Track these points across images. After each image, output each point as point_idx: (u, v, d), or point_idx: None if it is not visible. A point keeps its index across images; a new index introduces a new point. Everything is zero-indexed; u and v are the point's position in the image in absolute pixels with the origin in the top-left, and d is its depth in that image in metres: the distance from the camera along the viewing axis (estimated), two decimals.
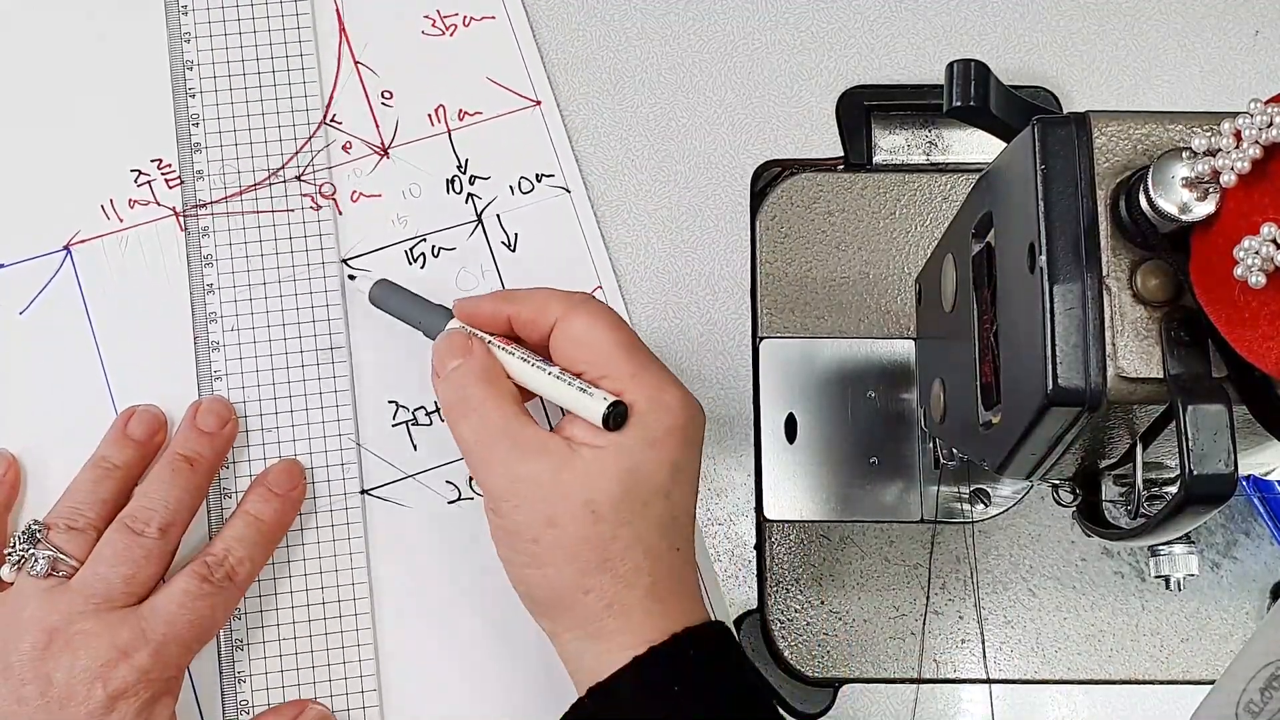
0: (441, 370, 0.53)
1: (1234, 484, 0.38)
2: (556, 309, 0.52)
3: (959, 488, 0.62)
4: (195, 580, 0.54)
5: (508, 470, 0.50)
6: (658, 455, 0.50)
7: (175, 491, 0.55)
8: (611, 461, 0.49)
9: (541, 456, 0.50)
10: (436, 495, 0.60)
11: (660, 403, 0.50)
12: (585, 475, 0.49)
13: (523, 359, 0.52)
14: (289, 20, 0.63)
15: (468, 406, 0.51)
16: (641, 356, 0.51)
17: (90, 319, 0.60)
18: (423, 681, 0.58)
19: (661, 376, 0.51)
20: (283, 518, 0.57)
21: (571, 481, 0.49)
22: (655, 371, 0.51)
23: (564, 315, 0.52)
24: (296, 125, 0.63)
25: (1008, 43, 0.66)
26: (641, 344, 0.52)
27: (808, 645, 0.61)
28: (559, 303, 0.52)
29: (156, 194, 0.62)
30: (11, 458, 0.58)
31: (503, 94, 0.65)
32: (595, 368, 0.51)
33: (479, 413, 0.51)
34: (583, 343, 0.51)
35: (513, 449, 0.50)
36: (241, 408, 0.59)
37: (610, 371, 0.51)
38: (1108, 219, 0.40)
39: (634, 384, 0.50)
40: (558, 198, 0.64)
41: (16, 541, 0.54)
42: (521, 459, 0.50)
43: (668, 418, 0.50)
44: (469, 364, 0.52)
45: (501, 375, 0.53)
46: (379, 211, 0.63)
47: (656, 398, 0.50)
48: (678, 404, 0.51)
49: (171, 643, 0.52)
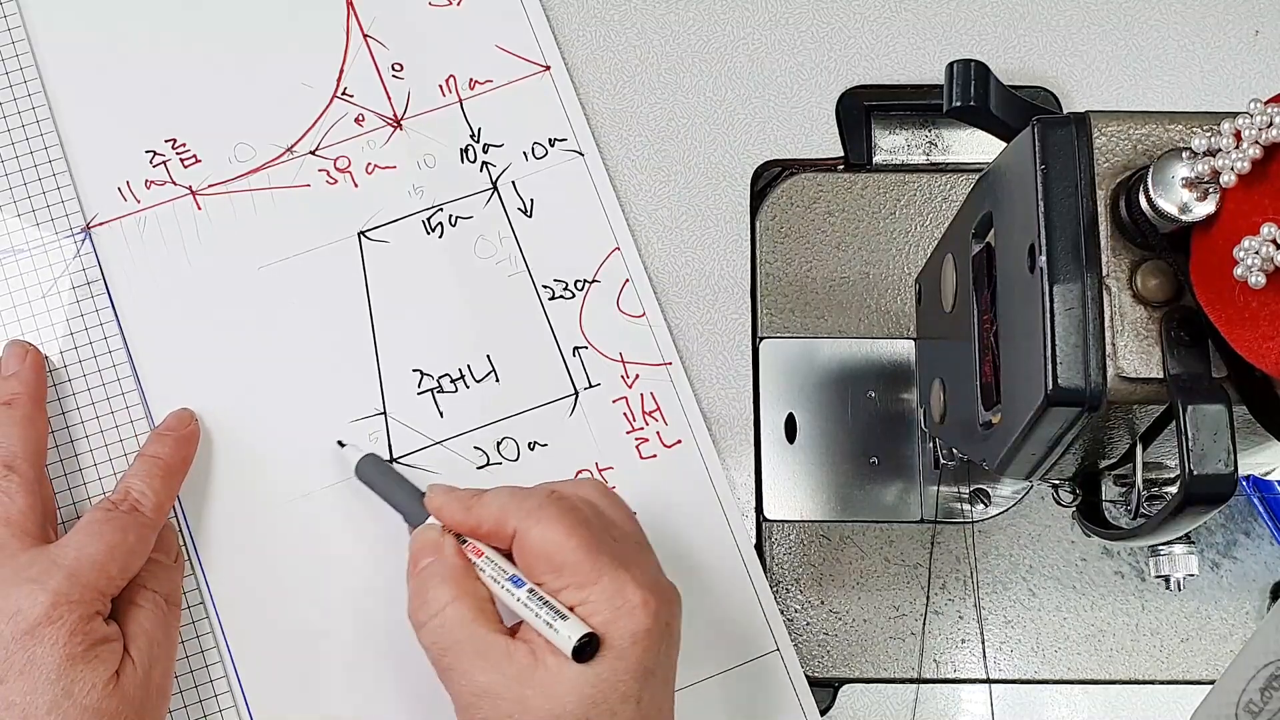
0: (411, 569, 0.53)
1: (1234, 484, 0.38)
2: (513, 520, 0.51)
3: (959, 488, 0.62)
4: (99, 511, 0.54)
5: (470, 680, 0.49)
6: (625, 664, 0.48)
7: (1, 430, 0.56)
8: (574, 675, 0.48)
9: (504, 665, 0.49)
10: (465, 461, 0.60)
11: (624, 608, 0.49)
12: (548, 689, 0.48)
13: (492, 578, 0.51)
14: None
15: (429, 611, 0.51)
16: (601, 558, 0.49)
17: (113, 300, 0.61)
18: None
19: (623, 578, 0.49)
20: (179, 452, 0.58)
21: (534, 697, 0.48)
22: (615, 573, 0.49)
23: (520, 526, 0.51)
24: (308, 100, 0.63)
25: (1008, 43, 0.66)
26: (603, 540, 0.51)
27: (808, 645, 0.61)
28: (515, 513, 0.51)
29: (172, 174, 0.62)
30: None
31: (512, 60, 0.65)
32: (555, 578, 0.50)
33: (440, 618, 0.50)
34: (540, 554, 0.50)
35: (475, 657, 0.49)
36: (266, 382, 0.60)
37: (570, 580, 0.49)
38: (1108, 219, 0.40)
39: (595, 591, 0.49)
40: (571, 161, 0.64)
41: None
42: (482, 668, 0.49)
43: (632, 624, 0.48)
44: (435, 565, 0.52)
45: (469, 577, 0.51)
46: (394, 183, 0.63)
47: (620, 605, 0.49)
48: (642, 606, 0.49)
49: (85, 566, 0.52)
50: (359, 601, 0.59)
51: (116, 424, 0.60)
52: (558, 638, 0.48)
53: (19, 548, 0.53)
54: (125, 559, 0.54)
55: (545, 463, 0.61)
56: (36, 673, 0.50)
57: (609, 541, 0.51)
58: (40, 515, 0.54)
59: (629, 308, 0.63)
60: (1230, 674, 0.40)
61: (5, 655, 0.50)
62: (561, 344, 0.62)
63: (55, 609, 0.50)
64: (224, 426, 0.60)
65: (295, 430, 0.60)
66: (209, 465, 0.60)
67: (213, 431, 0.60)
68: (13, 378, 0.58)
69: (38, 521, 0.54)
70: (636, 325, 0.62)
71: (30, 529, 0.53)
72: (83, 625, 0.51)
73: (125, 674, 0.52)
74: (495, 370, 0.61)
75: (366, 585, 0.59)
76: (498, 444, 0.61)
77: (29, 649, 0.50)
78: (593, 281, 0.63)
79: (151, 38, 0.64)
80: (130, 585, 0.54)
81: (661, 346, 0.62)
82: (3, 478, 0.54)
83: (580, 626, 0.48)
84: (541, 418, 0.61)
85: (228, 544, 0.59)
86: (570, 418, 0.61)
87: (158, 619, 0.54)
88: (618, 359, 0.62)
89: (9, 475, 0.54)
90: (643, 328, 0.62)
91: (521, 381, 0.61)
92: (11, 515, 0.53)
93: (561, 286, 0.63)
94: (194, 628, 0.58)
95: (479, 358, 0.62)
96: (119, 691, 0.51)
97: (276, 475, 0.60)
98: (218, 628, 0.58)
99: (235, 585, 0.59)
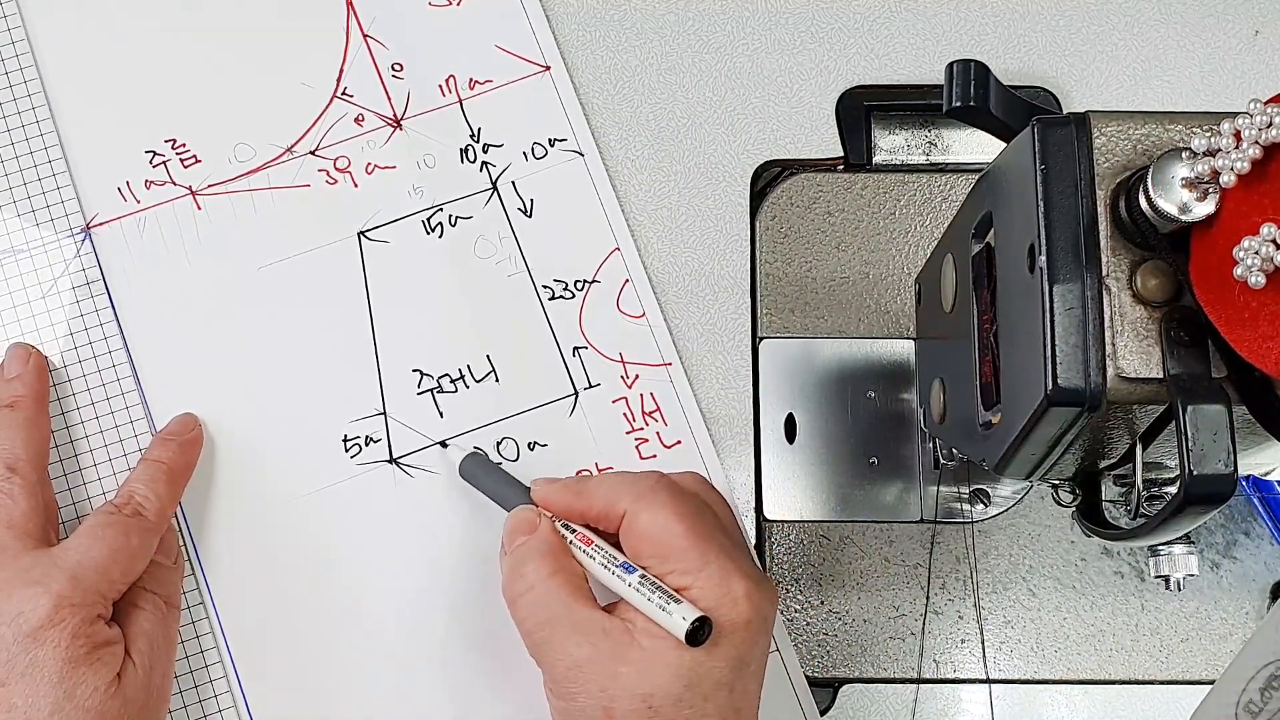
0: (508, 546, 0.53)
1: (1234, 484, 0.38)
2: (623, 503, 0.51)
3: (959, 488, 0.62)
4: (102, 514, 0.54)
5: (565, 654, 0.49)
6: (722, 652, 0.49)
7: (4, 432, 0.56)
8: (673, 656, 0.48)
9: (600, 641, 0.49)
10: None
11: (728, 598, 0.49)
12: (643, 668, 0.48)
13: (603, 564, 0.51)
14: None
15: (525, 584, 0.51)
16: (709, 545, 0.50)
17: (112, 300, 0.61)
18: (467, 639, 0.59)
19: (729, 567, 0.50)
20: (182, 457, 0.58)
21: (629, 674, 0.48)
22: (722, 562, 0.50)
23: (630, 509, 0.51)
24: (308, 100, 0.63)
25: (1008, 43, 0.66)
26: (711, 529, 0.51)
27: (808, 645, 0.61)
28: (625, 496, 0.52)
29: (172, 174, 0.63)
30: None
31: (512, 60, 0.65)
32: (661, 562, 0.50)
33: (536, 591, 0.51)
34: (648, 537, 0.50)
35: (570, 632, 0.49)
36: (266, 382, 0.60)
37: (676, 566, 0.50)
38: (1107, 219, 0.40)
39: (701, 578, 0.49)
40: (571, 162, 0.64)
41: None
42: (578, 643, 0.49)
43: (735, 613, 0.49)
44: (531, 542, 0.52)
45: (564, 554, 0.52)
46: (394, 183, 0.63)
47: (724, 593, 0.49)
48: (745, 598, 0.49)
49: (88, 569, 0.52)
50: (359, 602, 0.59)
51: (116, 424, 0.60)
52: (670, 620, 0.48)
53: (21, 550, 0.52)
54: (127, 563, 0.54)
55: (545, 463, 0.61)
56: (38, 675, 0.50)
57: (715, 530, 0.51)
58: (42, 518, 0.54)
59: (629, 308, 0.63)
60: (1230, 674, 0.40)
61: (7, 658, 0.50)
62: (561, 344, 0.62)
63: (58, 612, 0.50)
64: (224, 426, 0.60)
65: (295, 430, 0.60)
66: (208, 465, 0.60)
67: (212, 432, 0.60)
68: (15, 380, 0.58)
69: (40, 524, 0.54)
70: (636, 325, 0.62)
71: (32, 531, 0.53)
72: (85, 628, 0.51)
73: (127, 676, 0.52)
74: (495, 370, 0.61)
75: (367, 585, 0.59)
76: (498, 444, 0.61)
77: (31, 652, 0.50)
78: (592, 282, 0.63)
79: (151, 38, 0.64)
80: (131, 588, 0.54)
81: (661, 347, 0.62)
82: (5, 480, 0.54)
83: (694, 610, 0.48)
84: (541, 418, 0.61)
85: (228, 544, 0.59)
86: (570, 418, 0.61)
87: (158, 621, 0.54)
88: (617, 359, 0.62)
89: (11, 477, 0.54)
90: (643, 328, 0.62)
91: (521, 382, 0.61)
92: (14, 518, 0.53)
93: (561, 287, 0.63)
94: (194, 628, 0.58)
95: (479, 358, 0.62)
96: (121, 694, 0.51)
97: (276, 475, 0.60)
98: (218, 628, 0.58)
99: (235, 586, 0.59)
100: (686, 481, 0.54)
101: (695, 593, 0.49)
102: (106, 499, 0.57)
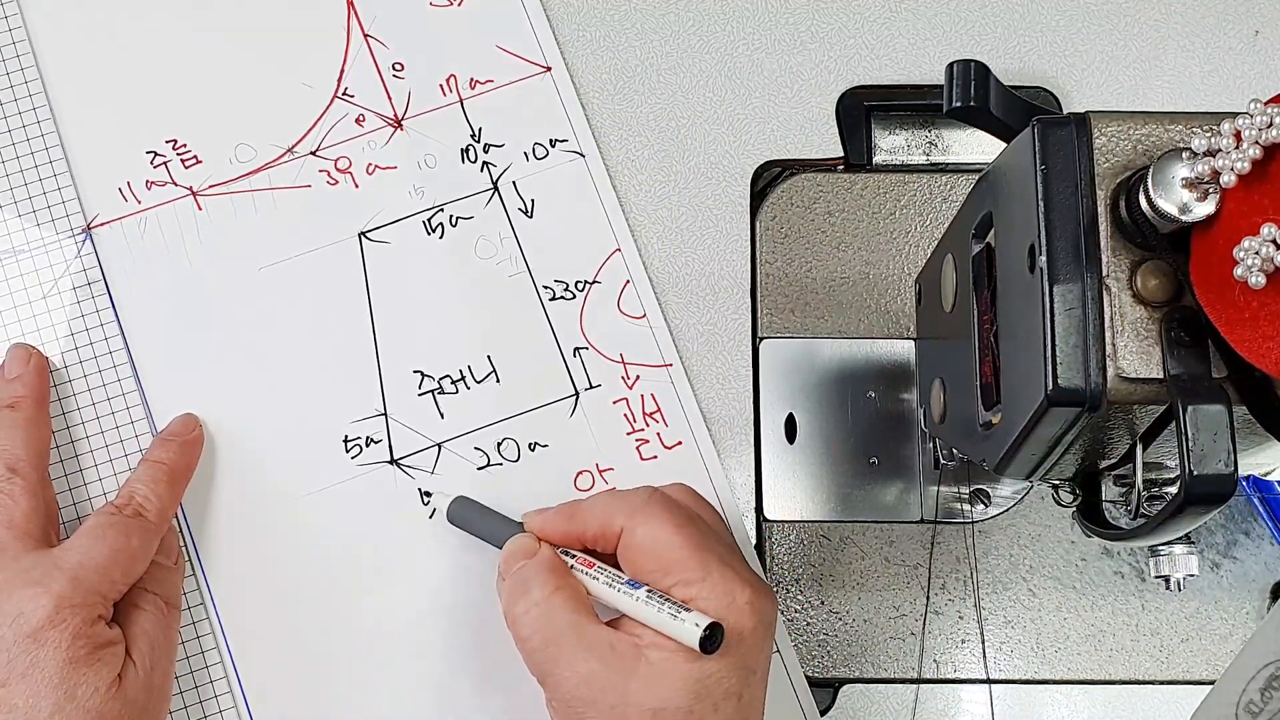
0: (506, 571, 0.53)
1: (1234, 484, 0.38)
2: (619, 520, 0.51)
3: (959, 488, 0.62)
4: (103, 515, 0.54)
5: (573, 670, 0.49)
6: (730, 661, 0.49)
7: (4, 432, 0.56)
8: (682, 668, 0.48)
9: (608, 656, 0.49)
10: (466, 462, 0.60)
11: (733, 606, 0.49)
12: (653, 683, 0.48)
13: (607, 584, 0.51)
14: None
15: (529, 601, 0.50)
16: (708, 555, 0.50)
17: (113, 301, 0.61)
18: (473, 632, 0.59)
19: (730, 575, 0.50)
20: (183, 458, 0.58)
21: (639, 690, 0.48)
22: (723, 570, 0.50)
23: (626, 525, 0.51)
24: (309, 100, 0.64)
25: (1008, 43, 0.66)
26: (707, 539, 0.51)
27: (808, 645, 0.61)
28: (620, 513, 0.51)
29: (173, 174, 0.63)
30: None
31: (513, 61, 0.65)
32: (664, 575, 0.50)
33: (540, 609, 0.50)
34: (647, 551, 0.50)
35: (578, 648, 0.49)
36: (267, 383, 0.60)
37: (679, 577, 0.50)
38: (1108, 219, 0.40)
39: (704, 588, 0.49)
40: (572, 162, 0.64)
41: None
42: (586, 659, 0.49)
43: (739, 621, 0.49)
44: (531, 564, 0.52)
45: (566, 573, 0.52)
46: (395, 183, 0.63)
47: (729, 601, 0.49)
48: (749, 605, 0.49)
49: (88, 570, 0.52)
50: (359, 602, 0.59)
51: (117, 424, 0.60)
52: (683, 629, 0.48)
53: (22, 550, 0.53)
54: (128, 563, 0.54)
55: (546, 464, 0.61)
56: (39, 676, 0.50)
57: (712, 540, 0.51)
58: (43, 518, 0.54)
59: (629, 309, 0.63)
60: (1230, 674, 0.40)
61: (8, 658, 0.50)
62: (562, 345, 0.62)
63: (58, 612, 0.50)
64: (224, 427, 0.60)
65: (295, 431, 0.60)
66: (209, 466, 0.60)
67: (213, 432, 0.60)
68: (16, 380, 0.58)
69: (40, 524, 0.54)
70: (637, 326, 0.62)
71: (33, 532, 0.54)
72: (85, 629, 0.51)
73: (127, 677, 0.52)
74: (496, 371, 0.62)
75: (367, 586, 0.59)
76: (498, 445, 0.61)
77: (32, 652, 0.50)
78: (593, 282, 0.63)
79: (152, 38, 0.64)
80: (132, 588, 0.54)
81: (662, 348, 0.62)
82: (6, 480, 0.54)
83: (705, 616, 0.48)
84: (542, 419, 0.61)
85: (228, 545, 0.59)
86: (571, 419, 0.61)
87: (158, 621, 0.54)
88: (618, 360, 0.62)
89: (12, 478, 0.54)
90: (643, 329, 0.62)
91: (522, 382, 0.61)
92: (15, 518, 0.53)
93: (562, 287, 0.63)
94: (194, 628, 0.58)
95: (479, 358, 0.62)
96: (121, 694, 0.51)
97: (277, 476, 0.60)
98: (218, 628, 0.58)
99: (235, 586, 0.59)
100: (676, 493, 0.54)
101: (700, 604, 0.49)
102: (107, 499, 0.57)
